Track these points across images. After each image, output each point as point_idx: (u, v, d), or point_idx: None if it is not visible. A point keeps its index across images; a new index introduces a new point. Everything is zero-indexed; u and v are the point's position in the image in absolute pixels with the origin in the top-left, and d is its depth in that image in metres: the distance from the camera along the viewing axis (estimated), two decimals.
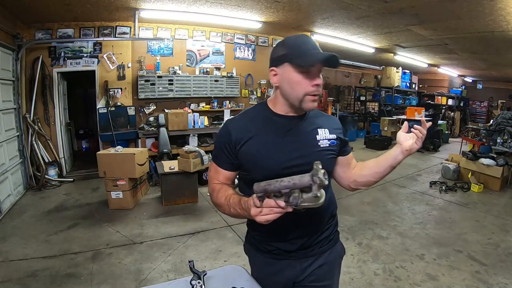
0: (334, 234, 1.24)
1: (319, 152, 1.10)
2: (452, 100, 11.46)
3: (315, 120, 1.15)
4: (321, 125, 1.15)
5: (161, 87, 5.56)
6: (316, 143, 1.11)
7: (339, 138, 1.17)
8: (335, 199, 1.26)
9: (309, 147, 1.10)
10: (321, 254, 1.18)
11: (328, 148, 1.12)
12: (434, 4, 4.04)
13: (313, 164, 0.83)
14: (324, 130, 1.14)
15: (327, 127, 1.15)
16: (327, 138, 1.13)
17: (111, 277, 2.48)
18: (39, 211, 3.77)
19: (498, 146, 5.61)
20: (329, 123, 1.18)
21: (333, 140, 1.14)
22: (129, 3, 4.33)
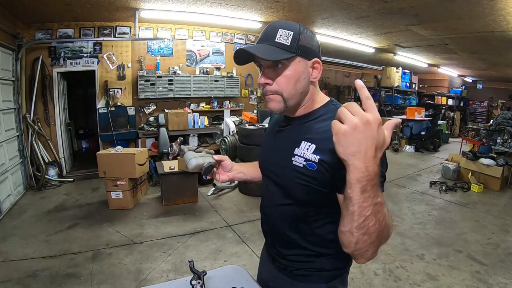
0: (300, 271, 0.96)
1: (290, 170, 0.86)
2: (452, 100, 11.46)
3: (313, 125, 0.86)
4: (311, 136, 0.84)
5: (161, 87, 5.56)
6: (289, 158, 0.86)
7: (327, 164, 0.78)
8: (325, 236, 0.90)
9: (283, 159, 0.89)
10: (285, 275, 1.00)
11: (301, 170, 0.83)
12: (434, 4, 4.04)
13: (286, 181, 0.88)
14: (309, 145, 0.82)
15: (318, 141, 0.81)
16: (305, 157, 0.82)
17: (111, 277, 2.48)
18: (39, 211, 3.77)
19: (498, 146, 5.61)
20: (328, 137, 0.69)
21: (312, 163, 0.80)
22: (129, 3, 4.33)
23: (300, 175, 0.83)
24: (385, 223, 0.67)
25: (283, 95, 0.84)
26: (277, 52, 0.80)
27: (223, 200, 4.30)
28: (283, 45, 0.80)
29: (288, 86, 0.83)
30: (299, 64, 0.83)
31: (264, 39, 0.83)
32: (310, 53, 0.84)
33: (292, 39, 0.81)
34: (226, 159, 1.17)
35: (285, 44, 0.80)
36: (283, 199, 0.92)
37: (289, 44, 0.80)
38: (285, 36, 0.81)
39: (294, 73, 0.82)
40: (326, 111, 0.88)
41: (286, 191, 0.91)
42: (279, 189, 0.94)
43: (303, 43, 0.82)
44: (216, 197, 4.38)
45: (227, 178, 1.17)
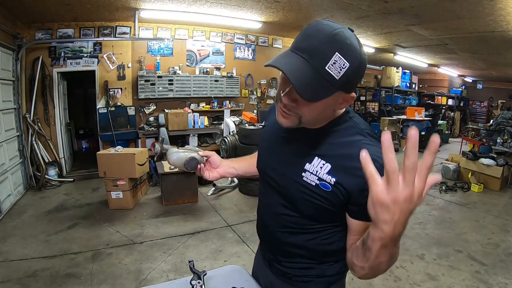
0: (301, 278, 0.93)
1: (298, 186, 0.81)
2: (452, 100, 11.46)
3: (328, 141, 0.79)
4: (326, 153, 0.78)
5: (161, 87, 5.56)
6: (299, 173, 0.80)
7: (344, 189, 0.73)
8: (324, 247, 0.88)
9: (291, 172, 0.83)
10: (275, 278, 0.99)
11: (312, 188, 0.78)
12: (434, 4, 4.04)
13: (291, 194, 0.83)
14: (323, 164, 0.77)
15: (333, 160, 0.76)
16: (318, 176, 0.77)
17: (111, 277, 2.48)
18: (39, 211, 3.77)
19: (498, 146, 5.61)
20: (345, 155, 0.74)
21: (327, 184, 0.75)
22: (129, 3, 4.33)
23: (310, 192, 0.79)
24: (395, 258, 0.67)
25: (301, 119, 0.74)
26: (319, 87, 0.65)
27: (223, 200, 4.30)
28: (331, 78, 0.65)
29: (311, 115, 0.74)
30: (333, 97, 0.70)
31: (312, 54, 0.65)
32: (351, 88, 0.72)
33: (344, 73, 0.65)
34: (213, 155, 1.10)
35: (334, 77, 0.65)
36: (285, 209, 0.87)
37: (338, 79, 0.65)
38: (338, 67, 0.64)
39: (324, 105, 0.71)
40: (342, 124, 0.80)
41: (291, 203, 0.86)
42: (281, 199, 0.88)
43: (352, 79, 0.67)
44: (216, 197, 4.38)
45: (217, 174, 1.10)
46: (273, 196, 0.91)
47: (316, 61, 0.64)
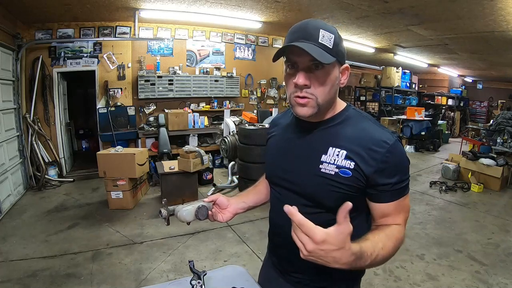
0: (316, 283, 0.92)
1: (316, 179, 0.83)
2: (452, 100, 11.46)
3: (338, 131, 0.84)
4: (339, 142, 0.82)
5: (161, 87, 5.56)
6: (316, 166, 0.83)
7: (361, 171, 0.78)
8: None
9: (308, 167, 0.85)
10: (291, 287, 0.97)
11: (332, 178, 0.81)
12: (434, 4, 4.04)
13: (311, 189, 0.84)
14: (338, 151, 0.81)
15: (347, 147, 0.80)
16: (337, 164, 0.80)
17: (111, 277, 2.48)
18: (39, 211, 3.77)
19: (498, 146, 5.61)
20: (357, 140, 0.80)
21: (347, 170, 0.79)
22: (129, 3, 4.33)
23: (331, 182, 0.81)
24: (389, 254, 0.76)
25: (317, 100, 0.79)
26: (324, 54, 0.75)
27: None
28: (327, 48, 0.76)
29: (324, 91, 0.79)
30: (335, 68, 0.80)
31: (307, 37, 0.76)
32: (343, 58, 0.82)
33: (334, 43, 0.77)
34: (219, 197, 1.07)
35: (328, 47, 0.76)
36: (306, 208, 0.85)
37: (332, 48, 0.77)
38: (328, 38, 0.77)
39: (331, 77, 0.80)
40: (348, 115, 0.86)
41: (312, 200, 0.86)
42: (300, 198, 0.87)
43: (341, 48, 0.80)
44: None
45: (230, 214, 1.07)
46: (290, 197, 0.89)
47: (313, 40, 0.75)
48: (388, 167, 0.78)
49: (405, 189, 0.83)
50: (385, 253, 0.74)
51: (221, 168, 5.82)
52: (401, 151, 0.81)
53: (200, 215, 0.99)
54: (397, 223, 0.82)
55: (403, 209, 0.83)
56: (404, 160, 0.82)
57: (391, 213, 0.82)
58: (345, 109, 0.88)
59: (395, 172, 0.79)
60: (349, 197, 0.78)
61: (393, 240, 0.78)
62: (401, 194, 0.81)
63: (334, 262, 0.64)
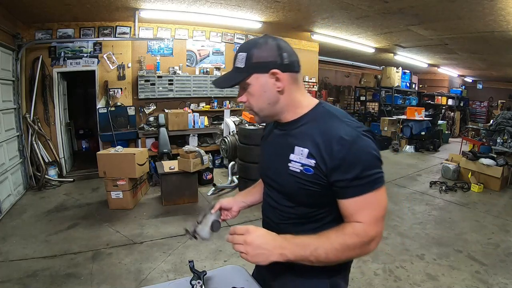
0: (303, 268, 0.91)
1: (288, 177, 0.89)
2: (452, 100, 11.47)
3: (304, 130, 0.88)
4: (303, 141, 0.86)
5: (161, 87, 5.56)
6: (286, 164, 0.89)
7: (321, 169, 0.82)
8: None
9: (280, 165, 0.91)
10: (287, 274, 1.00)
11: (298, 175, 0.86)
12: (434, 4, 4.05)
13: (286, 186, 0.92)
14: (302, 150, 0.85)
15: (310, 145, 0.84)
16: (301, 162, 0.85)
17: (111, 277, 2.48)
18: (39, 211, 3.77)
19: (498, 146, 5.61)
20: (319, 138, 0.83)
21: (309, 167, 0.84)
22: (129, 3, 4.33)
23: (298, 179, 0.86)
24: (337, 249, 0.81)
25: (253, 109, 0.92)
26: (234, 77, 0.88)
27: None
28: (240, 69, 0.88)
29: (254, 102, 0.89)
30: (257, 80, 0.86)
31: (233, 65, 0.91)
32: (265, 67, 0.85)
33: (246, 61, 0.86)
34: (221, 203, 1.16)
35: (241, 67, 0.87)
36: (285, 201, 0.95)
37: (244, 66, 0.86)
38: (240, 59, 0.87)
39: (255, 89, 0.87)
40: (315, 114, 0.90)
41: (287, 195, 0.94)
42: (280, 193, 0.96)
43: (256, 60, 0.85)
44: (216, 197, 4.38)
45: (236, 214, 1.19)
46: (274, 192, 0.99)
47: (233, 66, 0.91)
48: (344, 163, 0.79)
49: (370, 185, 0.81)
50: (330, 246, 0.80)
51: (221, 168, 5.82)
52: (362, 146, 0.81)
53: (215, 229, 1.09)
54: (359, 220, 0.82)
55: (368, 207, 0.82)
56: (364, 155, 0.81)
57: (353, 210, 0.83)
58: (314, 108, 0.92)
59: (353, 167, 0.79)
60: (317, 193, 0.86)
61: (341, 236, 0.81)
62: (363, 190, 0.81)
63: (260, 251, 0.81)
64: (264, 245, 0.82)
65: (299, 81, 0.92)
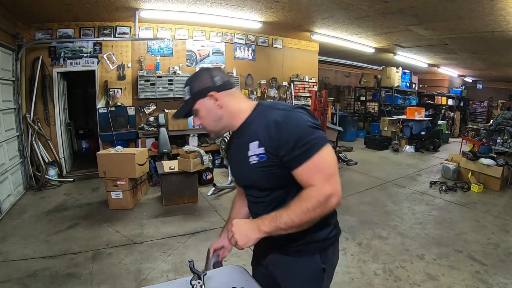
0: (299, 246, 1.10)
1: (252, 170, 1.04)
2: (452, 100, 11.47)
3: (251, 129, 1.04)
4: (253, 137, 1.02)
5: (161, 87, 5.56)
6: (247, 161, 1.03)
7: (269, 151, 0.98)
8: None
9: (244, 165, 1.06)
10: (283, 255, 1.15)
11: (258, 165, 1.01)
12: (434, 4, 4.05)
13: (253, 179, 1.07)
14: (254, 143, 1.01)
15: (257, 137, 1.00)
16: (256, 153, 1.00)
17: (111, 277, 2.48)
18: (39, 211, 3.77)
19: (498, 146, 5.61)
20: (261, 129, 0.99)
21: (262, 155, 0.99)
22: (129, 3, 4.33)
23: (260, 168, 1.01)
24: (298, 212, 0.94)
25: (207, 128, 1.12)
26: (185, 107, 1.10)
27: (223, 200, 4.30)
28: (187, 100, 1.09)
29: (205, 122, 1.10)
30: (202, 104, 1.07)
31: (183, 100, 1.12)
32: (203, 92, 1.06)
33: (189, 92, 1.08)
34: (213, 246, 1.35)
35: (188, 99, 1.09)
36: (260, 192, 1.10)
37: (189, 97, 1.08)
38: (186, 92, 1.09)
39: (203, 112, 1.08)
40: (257, 113, 1.07)
41: (260, 187, 1.09)
42: (255, 189, 1.12)
43: (196, 90, 1.07)
44: (216, 197, 4.38)
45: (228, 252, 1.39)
46: (251, 190, 1.16)
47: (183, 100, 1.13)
48: (282, 140, 0.94)
49: (309, 151, 0.93)
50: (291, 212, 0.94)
51: (221, 168, 5.82)
52: (293, 121, 0.96)
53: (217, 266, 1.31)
54: (312, 184, 0.94)
55: (315, 170, 0.94)
56: (296, 128, 0.95)
57: (305, 177, 0.96)
58: (254, 109, 1.08)
59: (289, 141, 0.93)
60: (278, 174, 1.01)
61: (298, 201, 0.95)
62: (305, 157, 0.93)
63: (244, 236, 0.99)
64: (245, 229, 0.99)
65: (236, 94, 1.10)
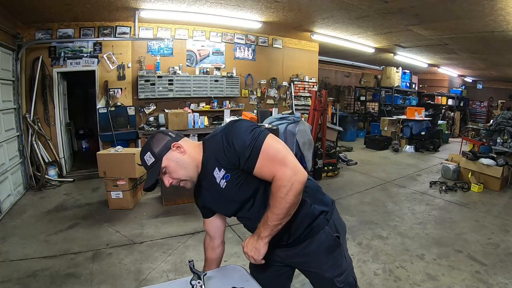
0: (307, 229, 1.20)
1: (225, 192, 1.12)
2: (452, 100, 11.46)
3: (209, 160, 1.13)
4: (212, 167, 1.11)
5: (161, 87, 5.56)
6: (219, 187, 1.12)
7: (228, 168, 1.08)
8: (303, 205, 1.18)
9: (218, 194, 1.15)
10: (297, 246, 1.23)
11: (228, 185, 1.10)
12: (434, 4, 4.05)
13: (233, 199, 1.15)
14: (216, 171, 1.10)
15: (215, 164, 1.10)
16: (220, 176, 1.10)
17: (111, 277, 2.48)
18: (39, 211, 3.77)
19: (498, 146, 5.61)
20: (216, 156, 1.09)
21: (226, 174, 1.09)
22: (129, 3, 4.33)
23: (232, 184, 1.10)
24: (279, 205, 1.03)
25: (182, 179, 1.15)
26: (154, 171, 1.13)
27: None
28: (152, 163, 1.12)
29: (178, 174, 1.13)
30: (168, 159, 1.12)
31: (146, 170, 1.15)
32: (166, 147, 1.13)
33: (153, 156, 1.12)
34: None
35: (153, 161, 1.12)
36: (248, 204, 1.17)
37: (154, 160, 1.12)
38: (149, 158, 1.13)
39: (171, 165, 1.12)
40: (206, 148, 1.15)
41: (242, 200, 1.16)
42: (241, 210, 1.19)
43: (158, 149, 1.12)
44: None
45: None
46: (240, 212, 1.21)
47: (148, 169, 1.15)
48: (231, 153, 1.03)
49: (255, 150, 1.01)
50: (273, 209, 1.03)
51: None
52: (229, 134, 1.05)
53: None
54: (274, 175, 1.02)
55: (268, 162, 1.02)
56: (234, 138, 1.04)
57: (265, 173, 1.04)
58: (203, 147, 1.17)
59: (235, 150, 1.03)
60: (246, 180, 1.09)
61: (272, 197, 1.03)
62: (255, 156, 1.02)
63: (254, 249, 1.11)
64: (251, 244, 1.11)
65: (187, 140, 1.19)
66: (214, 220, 1.34)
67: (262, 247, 1.08)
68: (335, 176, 5.45)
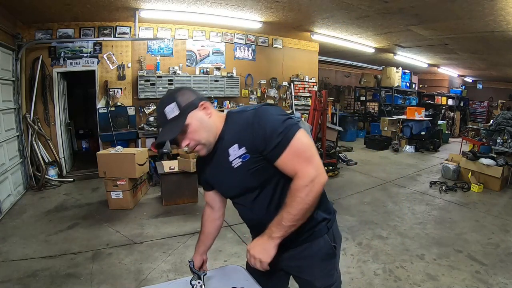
0: (307, 233, 1.15)
1: (235, 173, 1.06)
2: (452, 100, 11.46)
3: (227, 135, 1.07)
4: (231, 141, 1.05)
5: (161, 87, 5.56)
6: (230, 165, 1.05)
7: (250, 149, 1.02)
8: None
9: (226, 172, 1.08)
10: (294, 248, 1.17)
11: (241, 166, 1.04)
12: (434, 4, 4.05)
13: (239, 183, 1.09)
14: (233, 147, 1.04)
15: (235, 140, 1.04)
16: (238, 155, 1.03)
17: (111, 277, 2.48)
18: (39, 211, 3.77)
19: (498, 146, 5.61)
20: (238, 132, 1.04)
21: (244, 154, 1.02)
22: (129, 3, 4.33)
23: (245, 167, 1.03)
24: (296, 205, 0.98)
25: (201, 142, 1.05)
26: (176, 125, 1.00)
27: None
28: (175, 117, 1.01)
29: (198, 136, 1.03)
30: (193, 117, 1.02)
31: (162, 121, 1.04)
32: (194, 104, 1.04)
33: (178, 107, 1.02)
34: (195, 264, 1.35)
35: (176, 115, 1.01)
36: (251, 194, 1.11)
37: (179, 113, 1.01)
38: (171, 110, 1.01)
39: (195, 124, 1.02)
40: (229, 121, 1.09)
41: (249, 188, 1.10)
42: (244, 195, 1.12)
43: (185, 103, 1.02)
44: None
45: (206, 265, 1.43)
46: (240, 199, 1.16)
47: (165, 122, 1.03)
48: (258, 136, 0.98)
49: (284, 141, 0.97)
50: (289, 208, 0.97)
51: None
52: (261, 118, 0.99)
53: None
54: (296, 170, 0.98)
55: (294, 156, 0.97)
56: (266, 123, 0.98)
57: (288, 166, 0.99)
58: (226, 119, 1.10)
59: (264, 136, 0.97)
60: (263, 168, 1.03)
61: (290, 196, 0.98)
62: (282, 147, 0.97)
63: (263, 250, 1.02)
64: (260, 245, 1.02)
65: (211, 105, 1.10)
66: (217, 192, 1.29)
67: (272, 248, 1.00)
68: (335, 176, 5.45)
